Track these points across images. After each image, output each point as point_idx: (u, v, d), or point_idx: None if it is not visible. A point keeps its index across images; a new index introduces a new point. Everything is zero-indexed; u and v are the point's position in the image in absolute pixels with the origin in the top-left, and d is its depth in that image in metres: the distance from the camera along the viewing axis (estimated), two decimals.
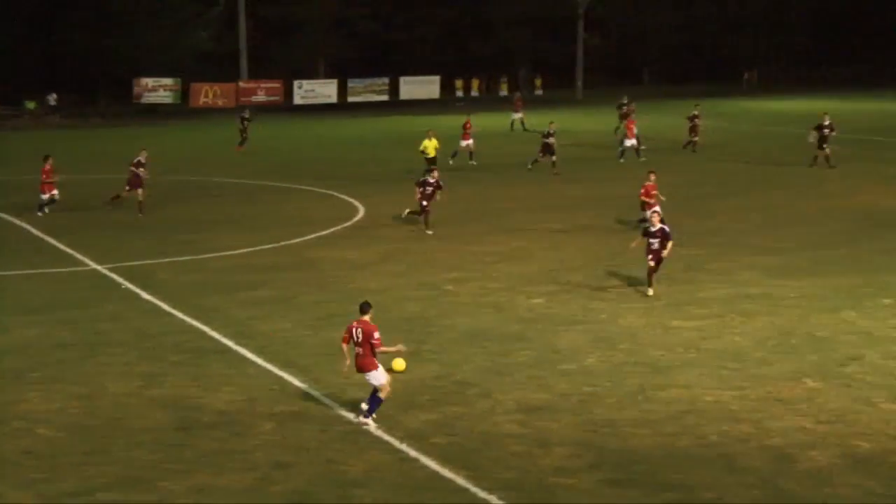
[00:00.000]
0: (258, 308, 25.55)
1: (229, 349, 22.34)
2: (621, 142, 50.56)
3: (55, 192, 37.44)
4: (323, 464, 16.46)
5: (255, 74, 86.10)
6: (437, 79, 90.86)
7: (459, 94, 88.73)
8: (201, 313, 24.97)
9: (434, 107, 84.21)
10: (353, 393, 19.35)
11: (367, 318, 17.87)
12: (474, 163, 49.42)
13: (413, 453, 16.72)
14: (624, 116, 58.39)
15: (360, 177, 47.04)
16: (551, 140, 46.56)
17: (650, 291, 25.85)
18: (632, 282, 27.14)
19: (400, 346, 18.34)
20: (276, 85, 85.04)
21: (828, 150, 46.70)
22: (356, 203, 39.72)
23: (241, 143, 56.74)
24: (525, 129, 64.73)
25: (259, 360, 21.49)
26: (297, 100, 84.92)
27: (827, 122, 46.94)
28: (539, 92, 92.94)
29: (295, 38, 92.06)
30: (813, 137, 47.57)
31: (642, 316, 24.30)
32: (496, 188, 43.49)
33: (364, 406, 17.97)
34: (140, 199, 37.61)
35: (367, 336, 17.64)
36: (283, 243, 32.94)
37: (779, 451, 16.65)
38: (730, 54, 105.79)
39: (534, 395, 19.25)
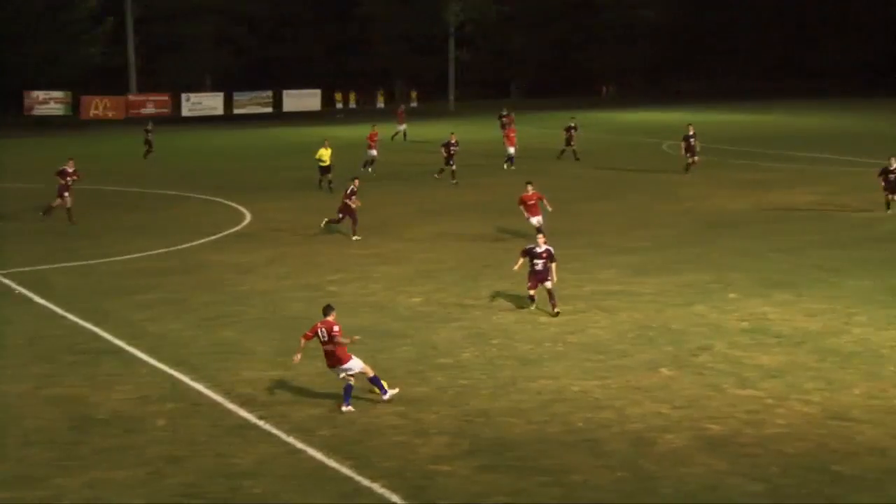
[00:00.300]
0: (150, 310, 25.11)
1: (122, 350, 21.92)
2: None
3: None
4: (213, 457, 16.26)
5: (144, 88, 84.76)
6: (318, 92, 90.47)
7: (339, 105, 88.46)
8: (95, 316, 24.46)
9: (315, 118, 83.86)
10: (243, 389, 19.19)
11: (330, 318, 18.18)
12: (370, 170, 48.79)
13: (300, 445, 16.63)
14: (504, 126, 59.10)
15: (247, 185, 46.51)
16: (453, 150, 46.50)
17: (556, 310, 24.04)
18: (503, 282, 27.34)
19: (356, 337, 18.65)
20: (164, 98, 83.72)
21: (696, 159, 47.19)
22: (243, 209, 39.28)
23: (147, 154, 56.29)
24: (405, 140, 64.80)
25: (151, 360, 21.13)
26: (186, 112, 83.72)
27: (692, 133, 47.40)
28: (414, 104, 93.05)
29: (182, 54, 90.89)
30: (681, 149, 48.13)
31: (513, 313, 24.52)
32: (382, 195, 43.37)
33: (377, 392, 18.40)
34: (68, 206, 36.69)
35: (330, 332, 18.00)
36: (173, 248, 32.42)
37: (639, 435, 16.96)
38: (589, 69, 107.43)
39: (413, 388, 19.28)
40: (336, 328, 18.14)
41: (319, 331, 18.21)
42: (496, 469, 15.73)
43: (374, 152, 49.88)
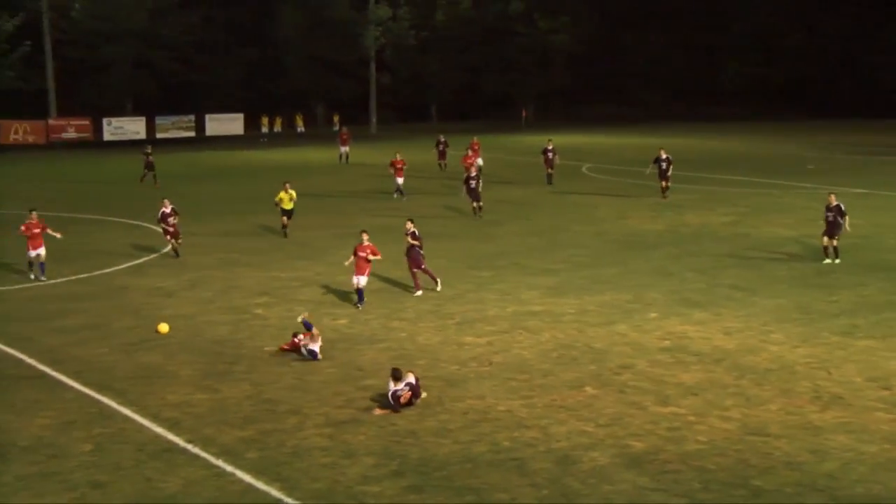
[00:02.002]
0: (72, 335, 24.64)
1: (45, 374, 21.49)
2: (466, 179, 43.35)
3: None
4: (141, 481, 15.99)
5: (64, 112, 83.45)
6: (240, 116, 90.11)
7: (264, 130, 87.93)
8: (13, 341, 23.95)
9: (239, 142, 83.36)
10: (169, 413, 18.91)
11: None
12: (400, 196, 47.90)
13: (228, 468, 16.42)
14: (442, 154, 59.20)
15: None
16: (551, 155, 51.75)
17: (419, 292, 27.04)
18: (428, 303, 27.37)
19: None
20: (85, 122, 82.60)
21: (667, 183, 46.49)
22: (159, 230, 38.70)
23: (144, 178, 55.01)
24: (347, 163, 64.74)
25: (76, 385, 20.74)
26: (107, 136, 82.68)
27: (664, 157, 46.46)
28: (336, 128, 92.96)
29: (102, 78, 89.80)
30: (652, 170, 47.62)
31: (437, 333, 24.51)
32: (305, 219, 43.14)
33: None
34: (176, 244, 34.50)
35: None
36: (94, 273, 31.88)
37: (563, 453, 17.03)
38: (506, 94, 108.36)
39: (340, 410, 19.17)
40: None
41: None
42: (423, 489, 15.68)
43: (401, 180, 48.25)
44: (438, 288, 28.08)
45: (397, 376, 19.21)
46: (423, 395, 19.56)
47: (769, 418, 18.59)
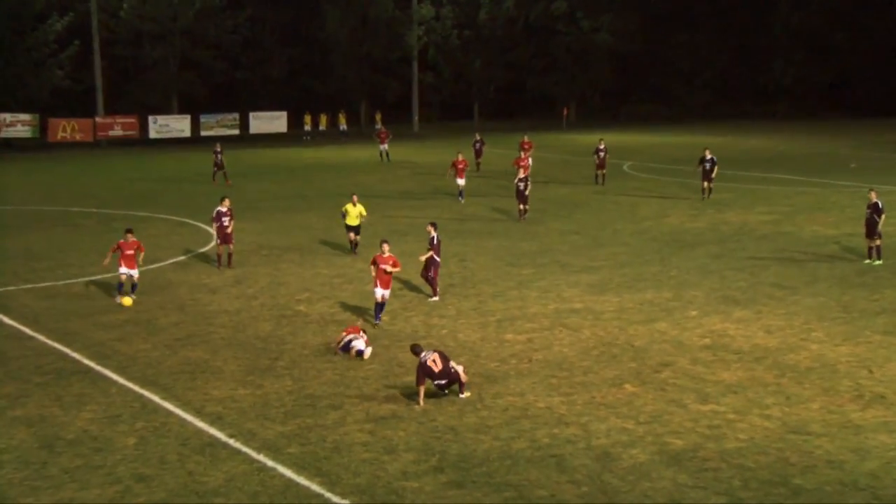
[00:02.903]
0: (118, 330, 24.86)
1: (91, 369, 21.68)
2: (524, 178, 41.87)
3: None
4: (184, 475, 16.10)
5: (111, 110, 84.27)
6: (284, 114, 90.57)
7: (307, 128, 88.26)
8: (62, 336, 24.19)
9: (282, 140, 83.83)
10: (212, 408, 19.03)
11: None
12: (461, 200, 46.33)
13: (270, 463, 16.50)
14: (478, 153, 58.83)
15: (214, 205, 45.93)
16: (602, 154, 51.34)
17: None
18: (469, 301, 27.38)
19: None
20: (131, 120, 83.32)
21: (710, 184, 45.55)
22: (210, 230, 38.95)
23: (216, 175, 54.99)
24: (388, 161, 64.90)
25: (120, 380, 20.92)
26: (153, 134, 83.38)
27: (709, 157, 45.48)
28: (379, 126, 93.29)
29: (148, 77, 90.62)
30: (697, 170, 46.61)
31: (478, 330, 24.49)
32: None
33: None
34: (229, 251, 32.52)
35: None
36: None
37: (603, 450, 16.96)
38: (549, 93, 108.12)
39: (381, 405, 19.20)
40: None
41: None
42: (463, 485, 15.67)
43: (462, 181, 46.63)
44: (434, 299, 27.54)
45: (416, 351, 19.71)
46: (466, 394, 19.54)
47: (810, 417, 18.41)
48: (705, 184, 45.81)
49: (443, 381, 19.41)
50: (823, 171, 57.29)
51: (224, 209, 32.20)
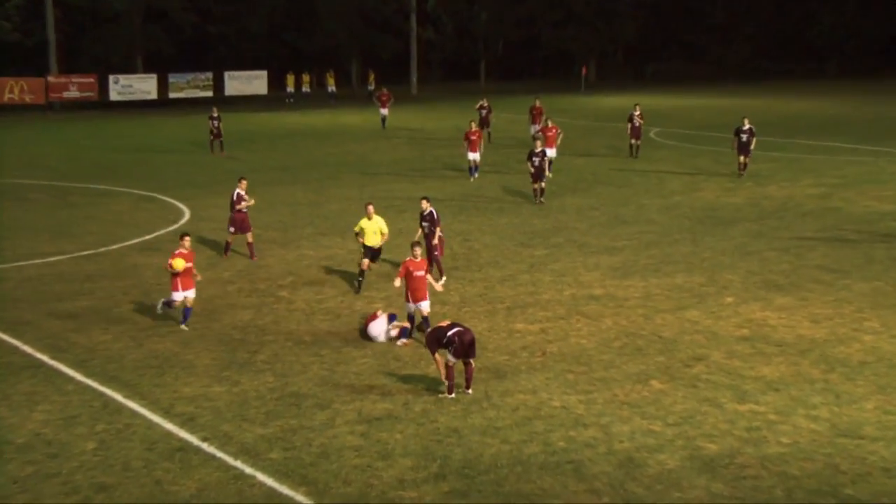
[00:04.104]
0: (75, 320, 24.88)
1: (44, 364, 21.70)
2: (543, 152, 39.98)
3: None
4: (150, 484, 16.13)
5: (65, 68, 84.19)
6: (264, 73, 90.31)
7: (290, 89, 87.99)
8: (10, 327, 24.21)
9: (262, 103, 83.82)
10: (183, 408, 19.06)
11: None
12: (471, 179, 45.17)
13: (248, 470, 16.53)
14: (484, 121, 56.67)
15: (186, 179, 46.30)
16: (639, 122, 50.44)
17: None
18: (475, 286, 27.40)
19: None
20: (89, 80, 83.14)
21: (746, 158, 44.76)
22: (181, 206, 39.09)
23: (213, 143, 54.86)
24: (384, 128, 64.87)
25: (78, 376, 20.94)
26: (114, 96, 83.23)
27: (747, 127, 44.52)
28: (372, 87, 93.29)
29: (109, 30, 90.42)
30: (733, 143, 45.31)
31: (485, 319, 24.51)
32: (346, 189, 43.30)
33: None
34: (249, 241, 31.35)
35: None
36: (101, 249, 32.18)
37: (627, 455, 16.99)
38: (565, 50, 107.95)
39: (374, 405, 19.23)
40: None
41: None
42: (468, 495, 15.71)
43: (477, 155, 44.93)
44: (442, 281, 27.32)
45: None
46: (471, 391, 19.57)
47: (863, 418, 18.44)
48: (741, 158, 45.02)
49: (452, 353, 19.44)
50: (879, 139, 57.26)
51: (242, 191, 30.91)
